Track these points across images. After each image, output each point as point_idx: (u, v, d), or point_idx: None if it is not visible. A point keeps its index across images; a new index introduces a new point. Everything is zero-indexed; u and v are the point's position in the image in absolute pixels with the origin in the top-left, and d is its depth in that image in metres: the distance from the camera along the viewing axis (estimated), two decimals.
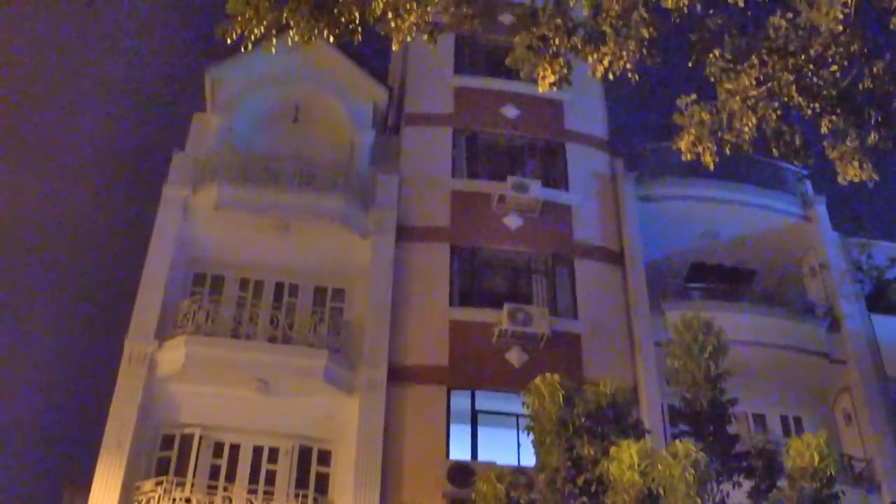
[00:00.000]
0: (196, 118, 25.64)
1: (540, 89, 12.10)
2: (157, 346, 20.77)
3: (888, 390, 23.30)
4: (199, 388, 20.79)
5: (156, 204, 23.24)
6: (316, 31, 11.26)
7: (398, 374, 21.33)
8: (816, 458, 14.88)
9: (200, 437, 20.63)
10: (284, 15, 11.09)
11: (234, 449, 20.73)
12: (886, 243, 26.94)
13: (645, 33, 11.57)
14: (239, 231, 23.03)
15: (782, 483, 15.76)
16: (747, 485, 16.31)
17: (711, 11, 11.97)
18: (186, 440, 20.62)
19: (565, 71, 11.79)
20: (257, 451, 20.78)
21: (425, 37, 11.86)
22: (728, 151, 11.95)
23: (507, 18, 26.85)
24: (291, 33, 11.33)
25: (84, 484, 19.61)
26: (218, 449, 20.71)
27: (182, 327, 21.21)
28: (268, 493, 20.11)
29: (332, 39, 11.60)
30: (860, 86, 11.64)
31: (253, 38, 11.25)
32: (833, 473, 14.99)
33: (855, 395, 23.21)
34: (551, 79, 11.81)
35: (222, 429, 20.86)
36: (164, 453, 20.44)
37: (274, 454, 20.78)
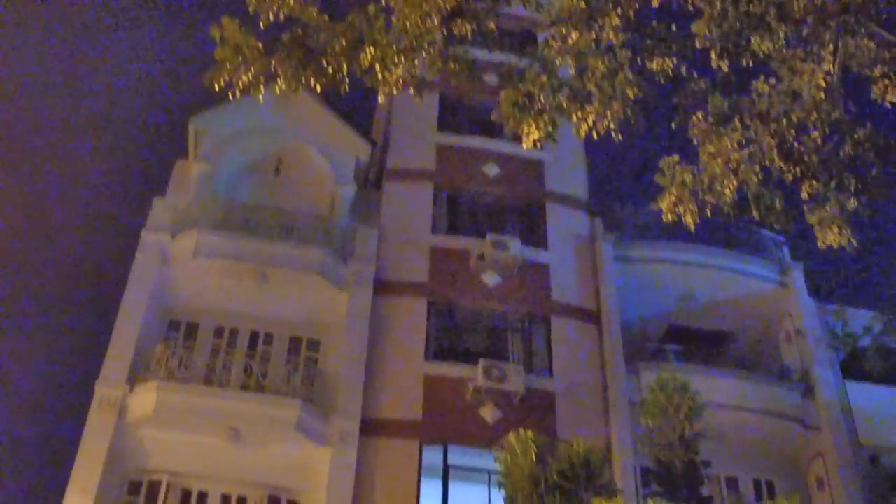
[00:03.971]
0: (178, 165, 25.64)
1: (524, 146, 12.17)
2: (129, 391, 20.60)
3: (861, 457, 23.34)
4: (169, 434, 20.59)
5: (134, 249, 23.15)
6: (303, 80, 11.30)
7: (371, 427, 21.22)
8: None
9: (168, 484, 20.41)
10: (272, 63, 11.14)
11: (202, 497, 20.54)
12: (861, 311, 27.15)
13: (630, 94, 11.69)
14: (216, 279, 22.97)
15: None
16: None
17: (696, 74, 12.13)
18: (154, 487, 20.40)
19: (550, 128, 11.85)
20: (225, 499, 20.60)
21: (412, 90, 11.92)
22: (709, 213, 12.04)
23: (491, 79, 27.07)
24: (279, 82, 11.37)
25: None
26: (185, 496, 20.53)
27: (154, 373, 21.04)
28: None
29: (318, 89, 11.64)
30: (841, 152, 11.77)
31: (240, 86, 11.26)
32: None
33: (828, 462, 23.21)
34: (535, 135, 11.86)
35: (191, 476, 20.66)
36: (131, 499, 20.19)
37: (242, 503, 20.58)
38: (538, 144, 12.11)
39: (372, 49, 11.32)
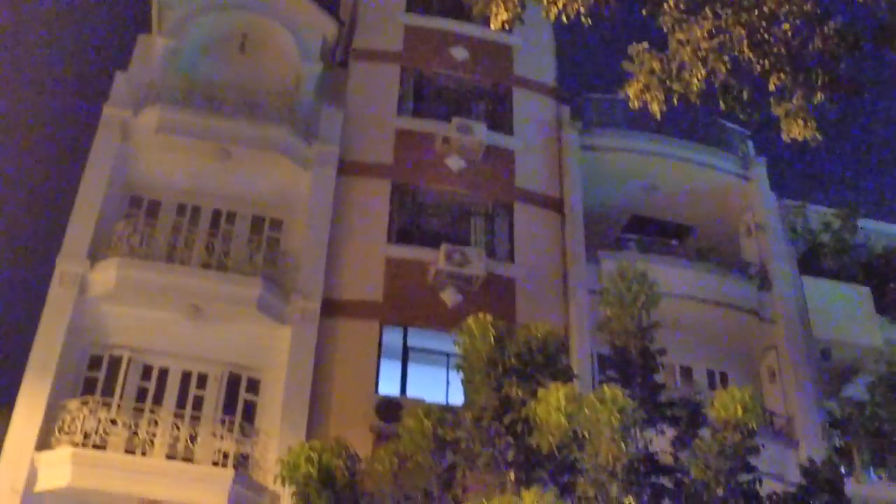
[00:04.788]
0: (141, 39, 25.13)
1: (492, 26, 12.00)
2: (90, 267, 20.53)
3: (813, 350, 23.79)
4: (130, 310, 20.63)
5: (95, 123, 22.84)
6: None
7: (332, 308, 21.34)
8: (740, 411, 15.10)
9: (129, 359, 20.53)
10: None
11: (163, 373, 20.69)
12: (821, 207, 27.46)
13: None
14: (178, 156, 22.76)
15: (705, 433, 15.98)
16: (671, 433, 16.52)
17: None
18: (115, 362, 20.51)
19: (519, 9, 11.69)
20: (186, 375, 20.74)
21: None
22: (676, 102, 11.97)
23: None
24: None
25: (7, 403, 19.36)
26: (146, 372, 20.66)
27: (115, 249, 20.97)
28: (195, 418, 20.10)
29: None
30: (810, 46, 11.70)
31: None
32: (755, 426, 15.23)
33: (781, 354, 23.63)
34: (504, 16, 11.69)
35: (152, 352, 20.77)
36: (92, 374, 20.30)
37: (203, 380, 20.75)
38: (506, 26, 11.95)
39: None
